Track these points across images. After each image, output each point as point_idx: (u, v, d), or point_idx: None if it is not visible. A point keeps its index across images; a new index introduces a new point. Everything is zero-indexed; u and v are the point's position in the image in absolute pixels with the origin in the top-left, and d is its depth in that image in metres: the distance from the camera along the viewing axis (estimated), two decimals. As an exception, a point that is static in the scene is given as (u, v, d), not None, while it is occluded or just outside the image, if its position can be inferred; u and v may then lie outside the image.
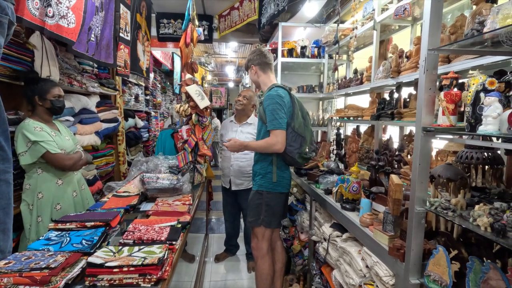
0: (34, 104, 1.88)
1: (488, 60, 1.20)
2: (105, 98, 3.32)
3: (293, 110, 1.89)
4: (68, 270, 1.09)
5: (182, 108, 2.59)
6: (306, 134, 1.93)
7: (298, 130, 1.88)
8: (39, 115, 1.89)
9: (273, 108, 1.83)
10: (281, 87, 1.95)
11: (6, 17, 1.10)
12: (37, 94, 1.86)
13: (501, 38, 0.98)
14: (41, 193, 1.80)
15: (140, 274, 1.10)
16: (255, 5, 3.30)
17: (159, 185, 2.08)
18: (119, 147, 3.63)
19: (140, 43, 3.62)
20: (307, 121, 1.99)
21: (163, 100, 6.54)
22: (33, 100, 1.87)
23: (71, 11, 2.36)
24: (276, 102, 1.84)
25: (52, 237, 1.31)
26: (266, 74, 2.06)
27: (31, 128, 1.74)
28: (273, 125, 1.83)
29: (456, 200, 0.93)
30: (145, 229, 1.45)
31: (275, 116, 1.83)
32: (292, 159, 1.90)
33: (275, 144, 1.83)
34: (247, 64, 2.11)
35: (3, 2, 1.08)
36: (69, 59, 2.69)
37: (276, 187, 1.96)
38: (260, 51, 2.08)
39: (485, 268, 0.86)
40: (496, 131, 0.75)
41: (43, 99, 1.87)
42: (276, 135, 1.83)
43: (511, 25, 0.72)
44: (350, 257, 1.43)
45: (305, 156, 1.93)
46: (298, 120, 1.89)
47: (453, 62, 1.44)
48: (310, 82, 3.54)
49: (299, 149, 1.88)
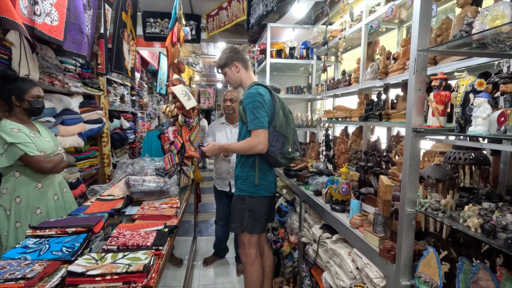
0: (11, 104, 1.78)
1: (473, 62, 1.22)
2: (89, 99, 3.22)
3: (274, 109, 1.80)
4: (46, 280, 1.03)
5: (168, 108, 2.53)
6: (288, 134, 1.84)
7: (280, 129, 1.80)
8: (16, 116, 1.80)
9: (253, 106, 1.74)
10: (261, 85, 1.86)
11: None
12: (14, 94, 1.77)
13: (487, 40, 0.99)
14: (19, 197, 1.72)
15: (125, 283, 1.05)
16: (243, 5, 3.27)
17: (145, 188, 2.02)
18: (103, 148, 3.53)
19: (126, 42, 3.53)
20: (289, 120, 1.90)
21: (150, 100, 6.42)
22: (10, 100, 1.77)
23: (54, 7, 2.27)
24: (256, 100, 1.75)
25: (30, 244, 1.24)
26: (247, 71, 1.96)
27: (7, 129, 1.66)
28: (254, 124, 1.73)
29: (445, 201, 0.93)
30: (130, 234, 1.39)
31: (256, 115, 1.73)
32: (274, 160, 1.81)
33: (257, 145, 1.74)
34: (226, 62, 1.93)
35: None
36: (50, 57, 2.59)
37: (258, 191, 1.88)
38: (238, 48, 1.97)
39: (475, 268, 0.86)
40: (485, 131, 0.75)
41: (21, 100, 1.78)
42: (257, 135, 1.73)
43: (499, 26, 0.72)
44: (340, 259, 1.42)
45: (288, 156, 1.84)
46: (279, 119, 1.80)
47: (439, 64, 1.45)
48: (298, 83, 3.55)
49: (281, 149, 1.79)
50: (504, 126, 0.71)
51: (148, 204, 1.95)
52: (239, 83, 1.98)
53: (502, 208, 0.86)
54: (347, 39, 2.62)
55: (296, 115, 3.42)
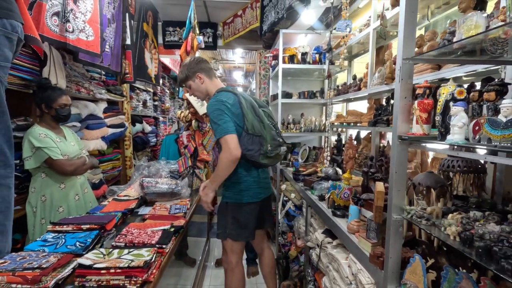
0: (42, 111, 1.98)
1: (476, 67, 1.19)
2: (113, 104, 3.43)
3: (241, 111, 1.72)
4: (59, 270, 1.15)
5: (183, 114, 2.66)
6: (263, 132, 1.74)
7: (253, 131, 1.71)
8: (45, 122, 1.99)
9: (214, 116, 1.68)
10: (224, 90, 1.81)
11: (15, 35, 1.19)
12: (44, 102, 1.95)
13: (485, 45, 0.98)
14: (45, 196, 1.89)
15: (126, 276, 1.14)
16: (257, 12, 3.35)
17: (157, 190, 2.13)
18: (125, 151, 3.74)
19: (148, 51, 3.74)
20: (262, 117, 1.79)
21: (172, 105, 6.66)
22: (41, 107, 1.97)
23: (88, 24, 2.50)
24: (216, 108, 1.69)
25: (49, 238, 1.38)
26: (212, 80, 1.89)
27: (36, 135, 1.84)
28: (219, 132, 1.65)
29: (431, 208, 0.93)
30: (138, 233, 1.49)
31: (218, 123, 1.66)
32: (256, 162, 1.75)
33: (229, 154, 1.63)
34: (188, 74, 1.87)
35: (13, 22, 1.17)
36: (77, 67, 2.81)
37: (242, 198, 1.84)
38: (198, 58, 1.92)
39: (458, 277, 0.86)
40: (462, 140, 0.75)
41: (49, 107, 1.96)
42: (225, 142, 1.64)
43: (474, 36, 0.73)
44: (338, 263, 1.43)
45: (270, 155, 1.75)
46: (249, 120, 1.71)
47: (443, 69, 1.43)
48: (313, 88, 3.55)
49: (259, 150, 1.71)
50: (478, 135, 0.71)
51: (159, 205, 2.06)
52: (205, 94, 1.92)
53: (488, 217, 0.84)
54: (359, 44, 2.61)
55: (310, 119, 3.43)
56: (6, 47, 1.13)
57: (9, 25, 1.12)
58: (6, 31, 1.12)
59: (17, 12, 1.19)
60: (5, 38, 1.12)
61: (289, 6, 2.38)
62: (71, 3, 2.23)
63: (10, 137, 1.21)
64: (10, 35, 1.14)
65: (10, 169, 1.20)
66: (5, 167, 1.17)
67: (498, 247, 0.65)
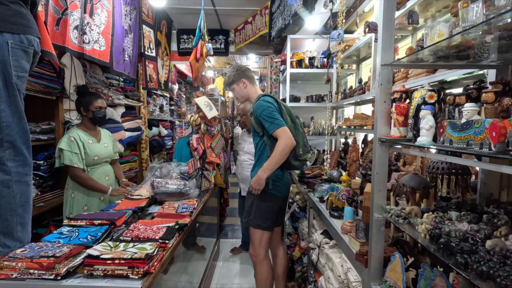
0: (81, 114, 2.17)
1: (468, 70, 1.21)
2: (130, 109, 3.64)
3: (281, 116, 1.91)
4: (71, 259, 1.27)
5: (193, 118, 2.78)
6: (297, 137, 1.93)
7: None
8: (84, 124, 2.19)
9: (267, 112, 1.86)
10: (267, 95, 2.00)
11: (31, 48, 1.35)
12: (82, 105, 2.15)
13: (474, 50, 1.01)
14: (74, 194, 2.08)
15: (129, 267, 1.24)
16: (266, 19, 3.45)
17: (166, 189, 2.25)
18: (142, 154, 3.93)
19: (160, 58, 3.93)
20: (297, 124, 2.02)
21: (188, 109, 6.88)
22: (80, 110, 2.16)
23: (101, 35, 2.70)
24: (267, 106, 1.88)
25: (64, 231, 1.51)
26: (253, 86, 2.14)
27: (67, 137, 2.02)
28: (275, 125, 1.84)
29: (410, 208, 0.96)
30: (144, 229, 1.61)
31: (273, 117, 1.85)
32: (287, 162, 1.90)
33: (290, 141, 1.82)
34: (234, 79, 2.12)
35: (30, 36, 1.33)
36: (97, 74, 3.02)
37: (272, 190, 1.98)
38: (244, 67, 2.16)
39: (433, 275, 0.89)
40: (429, 142, 0.79)
41: (87, 110, 2.15)
42: (284, 131, 1.82)
43: (438, 43, 0.76)
44: (332, 263, 1.47)
45: (300, 158, 1.95)
46: (288, 125, 1.90)
47: (437, 73, 1.45)
48: (322, 91, 3.59)
49: (293, 152, 1.89)
50: (442, 137, 0.74)
51: (168, 204, 2.18)
52: (246, 97, 2.15)
53: (462, 217, 0.87)
54: (366, 47, 2.63)
55: (320, 122, 3.46)
56: (23, 59, 1.29)
57: (26, 40, 1.28)
58: (23, 45, 1.27)
59: (34, 28, 1.35)
60: (22, 51, 1.27)
61: (295, 12, 2.45)
62: (87, 17, 2.42)
63: (27, 139, 1.35)
64: (27, 49, 1.30)
65: (28, 168, 1.35)
66: (23, 166, 1.31)
67: (455, 242, 0.68)
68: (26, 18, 1.30)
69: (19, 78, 1.28)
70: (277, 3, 3.12)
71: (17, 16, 1.27)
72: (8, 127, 1.25)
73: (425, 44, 0.84)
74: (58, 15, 2.22)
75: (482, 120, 0.63)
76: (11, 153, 1.27)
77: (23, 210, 1.31)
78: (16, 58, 1.27)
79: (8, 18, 1.24)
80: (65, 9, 2.26)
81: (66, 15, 2.26)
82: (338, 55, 2.10)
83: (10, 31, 1.24)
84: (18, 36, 1.25)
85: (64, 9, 2.25)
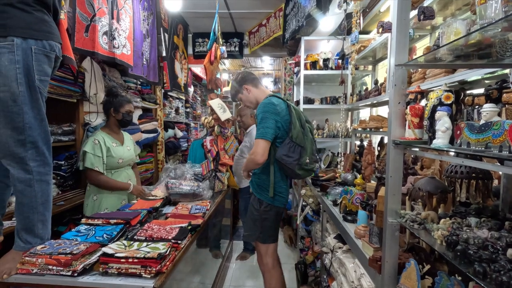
0: (109, 115, 2.23)
1: (489, 69, 1.16)
2: (147, 111, 3.72)
3: (290, 119, 1.81)
4: (87, 257, 1.31)
5: (207, 120, 2.81)
6: (306, 144, 1.81)
7: (297, 140, 1.78)
8: (109, 127, 2.25)
9: (263, 116, 1.78)
10: (275, 96, 1.91)
11: (53, 53, 1.41)
12: (113, 107, 2.21)
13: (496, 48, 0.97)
14: (96, 196, 2.15)
15: (142, 266, 1.27)
16: (280, 21, 3.44)
17: (180, 190, 2.29)
18: (158, 155, 4.01)
19: (178, 61, 4.01)
20: (307, 130, 1.88)
21: (203, 112, 6.96)
22: (109, 112, 2.22)
23: (127, 40, 2.80)
24: (267, 110, 1.78)
25: (82, 230, 1.56)
26: (258, 88, 2.04)
27: (91, 139, 2.09)
28: (257, 134, 1.76)
29: (426, 213, 0.92)
30: (157, 229, 1.63)
31: (263, 124, 1.76)
32: (291, 171, 1.80)
33: (254, 156, 1.74)
34: (237, 89, 2.05)
35: (52, 42, 1.39)
36: (116, 78, 3.11)
37: (274, 202, 1.91)
38: (241, 73, 2.08)
39: (450, 283, 0.85)
40: (445, 144, 0.76)
41: (117, 112, 2.22)
42: (257, 145, 1.73)
43: (454, 41, 0.73)
44: (345, 268, 1.44)
45: (306, 168, 1.81)
46: (296, 129, 1.80)
47: (457, 73, 1.39)
48: (337, 93, 3.54)
49: (298, 160, 1.76)
50: (459, 139, 0.71)
51: (182, 205, 2.21)
52: (256, 102, 2.03)
53: (482, 223, 0.83)
54: (382, 48, 2.57)
55: (334, 125, 3.41)
56: (46, 64, 1.35)
57: (48, 45, 1.34)
58: (45, 50, 1.34)
59: (56, 34, 1.41)
60: (44, 56, 1.33)
61: (308, 14, 2.43)
62: (115, 22, 2.50)
63: (48, 140, 1.41)
64: (49, 54, 1.36)
65: (48, 167, 1.41)
66: (44, 166, 1.37)
67: (474, 250, 0.65)
68: (48, 25, 1.37)
69: (42, 82, 1.34)
70: (291, 5, 3.11)
71: (40, 23, 1.33)
72: (31, 128, 1.31)
73: (441, 43, 0.81)
74: (86, 22, 2.29)
75: (502, 121, 0.59)
76: (33, 153, 1.33)
77: (43, 208, 1.37)
78: (39, 62, 1.33)
79: (32, 25, 1.30)
80: (93, 16, 2.34)
81: (94, 21, 2.35)
82: (352, 56, 2.06)
83: (34, 37, 1.30)
84: (41, 42, 1.31)
85: (92, 16, 2.34)
